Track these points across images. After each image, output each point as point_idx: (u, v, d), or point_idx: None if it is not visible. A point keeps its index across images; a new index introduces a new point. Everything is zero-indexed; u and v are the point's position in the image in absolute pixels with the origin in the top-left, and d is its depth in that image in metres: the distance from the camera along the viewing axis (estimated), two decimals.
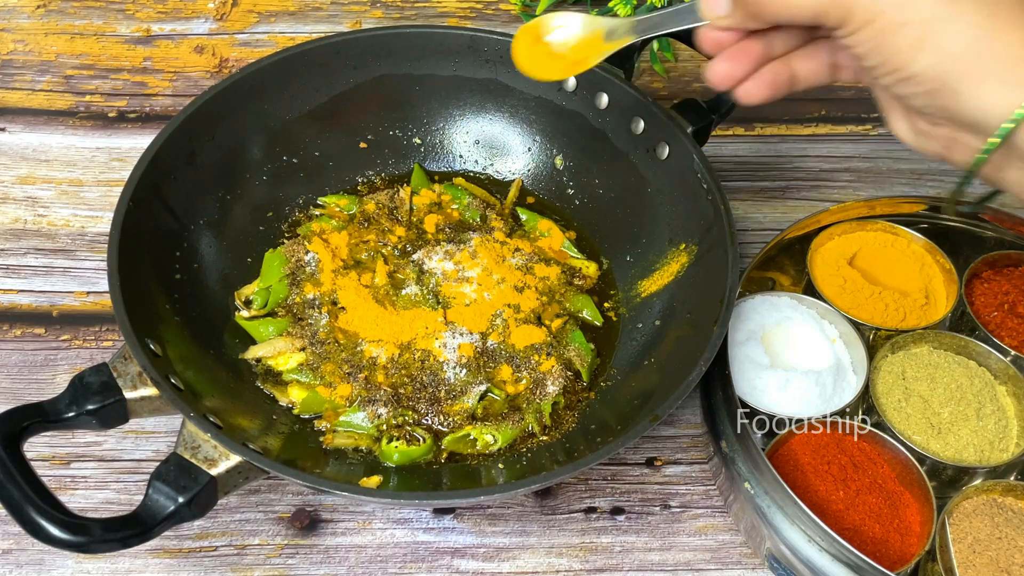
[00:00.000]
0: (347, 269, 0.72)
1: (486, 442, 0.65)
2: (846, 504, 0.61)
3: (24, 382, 0.72)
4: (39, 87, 0.90)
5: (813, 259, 0.72)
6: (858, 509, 0.61)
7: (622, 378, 0.68)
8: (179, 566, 0.63)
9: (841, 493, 0.62)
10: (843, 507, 0.61)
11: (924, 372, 0.66)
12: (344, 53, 0.76)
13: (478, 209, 0.77)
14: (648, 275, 0.73)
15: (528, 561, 0.64)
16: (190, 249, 0.70)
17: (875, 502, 0.61)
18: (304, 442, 0.64)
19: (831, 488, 0.62)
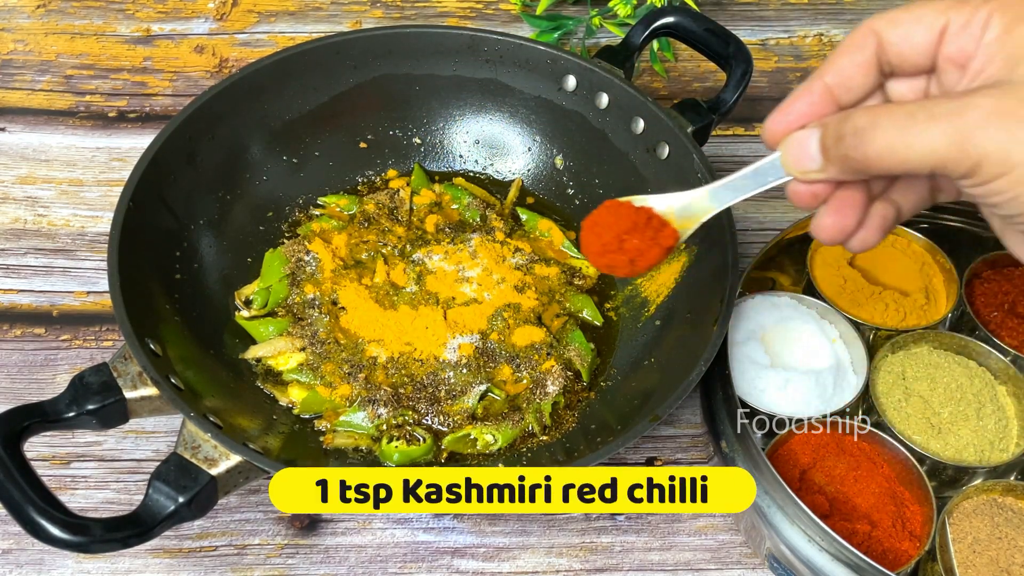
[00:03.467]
0: (347, 269, 0.72)
1: (486, 442, 0.65)
2: (846, 504, 0.61)
3: (24, 382, 0.72)
4: (39, 87, 0.90)
5: (813, 259, 0.72)
6: (858, 509, 0.61)
7: (622, 378, 0.68)
8: (179, 566, 0.63)
9: (841, 493, 0.62)
10: (843, 507, 0.61)
11: (924, 372, 0.66)
12: (344, 53, 0.76)
13: (478, 209, 0.77)
14: (648, 275, 0.72)
15: (528, 561, 0.64)
16: (190, 249, 0.70)
17: (875, 502, 0.61)
18: (304, 442, 0.64)
19: (831, 488, 0.62)
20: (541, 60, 0.76)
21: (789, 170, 0.47)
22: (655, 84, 0.93)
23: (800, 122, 0.46)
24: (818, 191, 0.47)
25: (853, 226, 0.47)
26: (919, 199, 0.49)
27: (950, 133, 0.40)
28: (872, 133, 0.42)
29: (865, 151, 0.42)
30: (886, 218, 0.48)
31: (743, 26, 0.97)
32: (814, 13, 0.98)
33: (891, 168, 0.42)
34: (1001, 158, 0.40)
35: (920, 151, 0.41)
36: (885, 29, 0.45)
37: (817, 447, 0.63)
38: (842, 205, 0.47)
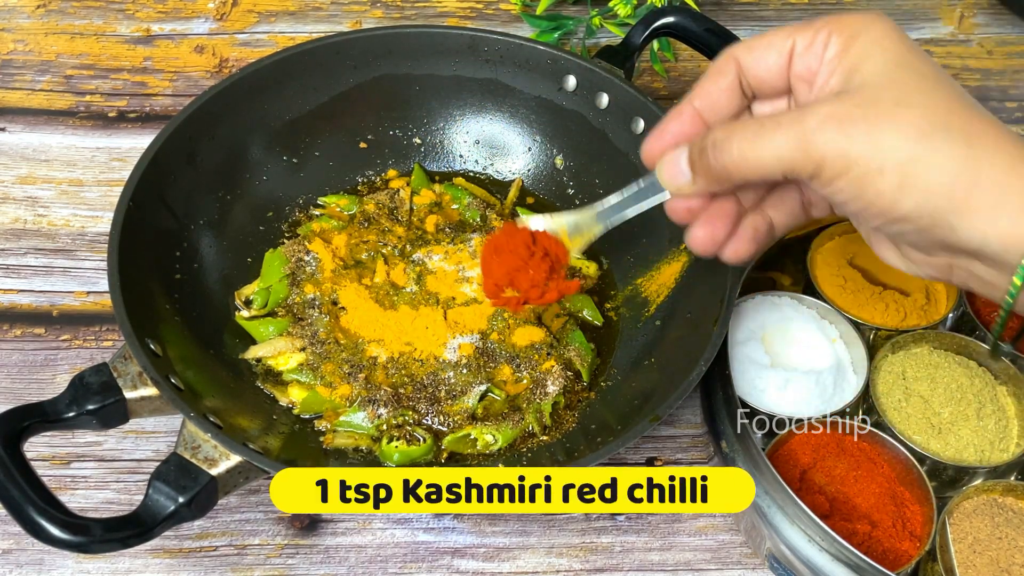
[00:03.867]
0: (347, 269, 0.72)
1: (486, 442, 0.65)
2: (846, 504, 0.61)
3: (24, 382, 0.72)
4: (39, 87, 0.90)
5: (813, 259, 0.72)
6: (858, 509, 0.61)
7: (622, 378, 0.68)
8: (179, 566, 0.63)
9: (841, 493, 0.62)
10: (843, 507, 0.61)
11: (924, 372, 0.66)
12: (344, 53, 0.76)
13: (478, 209, 0.77)
14: (648, 275, 0.73)
15: (528, 561, 0.64)
16: (190, 249, 0.70)
17: (875, 502, 0.61)
18: (304, 442, 0.64)
19: (831, 488, 0.62)
20: (541, 60, 0.76)
21: (666, 186, 0.51)
22: (655, 84, 0.93)
23: (674, 142, 0.51)
24: (692, 206, 0.51)
25: (723, 237, 0.51)
26: (791, 212, 0.53)
27: (793, 138, 0.44)
28: (728, 144, 0.46)
29: (723, 161, 0.46)
30: (758, 230, 0.52)
31: (743, 26, 0.97)
32: (814, 13, 0.98)
33: (747, 174, 0.46)
34: (838, 158, 0.43)
35: (769, 156, 0.45)
36: (743, 55, 0.49)
37: (817, 447, 0.63)
38: (712, 217, 0.51)
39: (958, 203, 0.43)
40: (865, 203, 0.45)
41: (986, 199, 0.42)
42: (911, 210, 0.44)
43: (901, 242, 0.48)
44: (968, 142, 0.43)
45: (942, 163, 0.42)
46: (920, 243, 0.46)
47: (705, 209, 0.51)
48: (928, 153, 0.42)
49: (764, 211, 0.52)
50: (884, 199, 0.44)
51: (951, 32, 0.98)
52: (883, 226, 0.46)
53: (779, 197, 0.52)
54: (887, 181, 0.43)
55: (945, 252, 0.46)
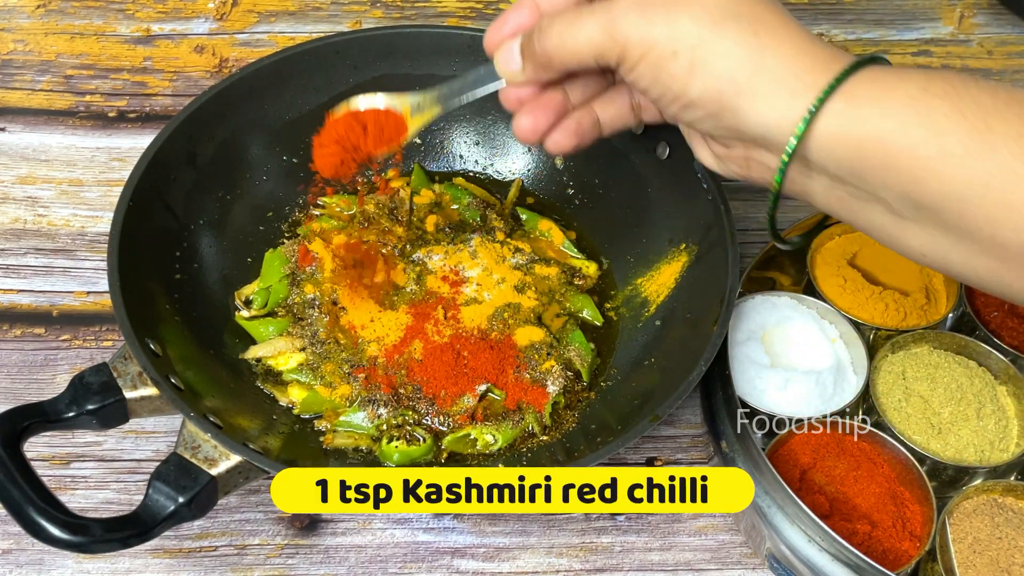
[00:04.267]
0: (347, 269, 0.72)
1: (486, 442, 0.65)
2: (846, 504, 0.61)
3: (24, 382, 0.72)
4: (39, 87, 0.90)
5: (813, 259, 0.72)
6: (858, 509, 0.61)
7: (622, 378, 0.68)
8: (179, 566, 0.63)
9: (841, 493, 0.62)
10: (843, 507, 0.61)
11: (924, 372, 0.66)
12: (344, 53, 0.76)
13: (478, 209, 0.77)
14: (648, 275, 0.73)
15: (528, 561, 0.64)
16: (190, 249, 0.70)
17: (875, 502, 0.61)
18: (304, 442, 0.64)
19: (831, 488, 0.62)
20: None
21: (500, 73, 0.54)
22: None
23: (511, 33, 0.54)
24: (523, 96, 0.54)
25: (545, 127, 0.54)
26: (620, 113, 0.56)
27: (601, 24, 0.48)
28: (549, 31, 0.50)
29: (544, 46, 0.50)
30: (581, 124, 0.55)
31: None
32: (814, 13, 0.98)
33: (566, 59, 0.50)
34: (639, 43, 0.47)
35: (581, 41, 0.48)
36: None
37: (817, 447, 0.63)
38: (537, 107, 0.54)
39: (741, 88, 0.45)
40: (662, 88, 0.48)
41: (766, 85, 0.45)
42: (699, 94, 0.47)
43: (702, 134, 0.51)
44: (755, 30, 0.46)
45: (729, 49, 0.45)
46: (716, 132, 0.49)
47: (534, 99, 0.54)
48: (717, 38, 0.45)
49: (591, 108, 0.55)
50: (677, 83, 0.47)
51: (951, 32, 0.98)
52: (679, 113, 0.49)
53: (609, 97, 0.55)
54: (679, 64, 0.46)
55: (740, 143, 0.49)
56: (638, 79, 0.48)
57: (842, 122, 0.44)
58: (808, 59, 0.46)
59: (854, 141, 0.44)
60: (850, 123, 0.44)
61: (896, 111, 0.43)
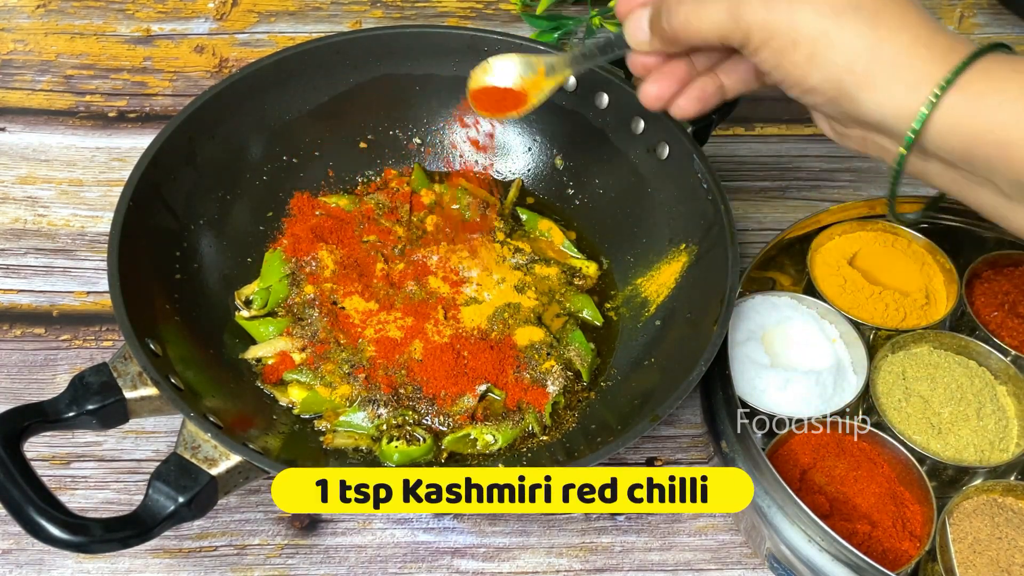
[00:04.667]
0: (347, 269, 0.72)
1: (486, 442, 0.65)
2: (846, 504, 0.61)
3: (24, 382, 0.72)
4: (39, 87, 0.90)
5: (813, 259, 0.72)
6: (858, 509, 0.61)
7: (622, 378, 0.68)
8: (179, 566, 0.63)
9: (841, 493, 0.62)
10: (843, 507, 0.61)
11: (924, 372, 0.66)
12: (344, 53, 0.76)
13: (478, 209, 0.77)
14: (648, 275, 0.73)
15: (528, 561, 0.64)
16: (190, 249, 0.70)
17: (875, 502, 0.61)
18: (304, 442, 0.64)
19: (831, 488, 0.62)
20: None
21: (628, 42, 0.56)
22: None
23: (643, 2, 0.55)
24: (648, 63, 0.56)
25: (670, 94, 0.57)
26: (743, 78, 0.57)
27: (726, 8, 0.49)
28: (677, 11, 0.52)
29: (672, 24, 0.52)
30: (705, 90, 0.57)
31: None
32: None
33: (691, 38, 0.52)
34: (762, 30, 0.48)
35: (706, 23, 0.50)
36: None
37: (817, 447, 0.63)
38: (664, 75, 0.56)
39: (859, 78, 0.47)
40: (783, 73, 0.49)
41: (883, 76, 0.47)
42: (819, 82, 0.48)
43: (823, 114, 0.53)
44: (875, 22, 0.47)
45: (848, 40, 0.47)
46: (835, 115, 0.51)
47: (659, 67, 0.56)
48: (836, 29, 0.47)
49: (716, 75, 0.57)
50: (797, 70, 0.49)
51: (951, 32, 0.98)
52: (800, 96, 0.51)
53: (732, 63, 0.57)
54: (800, 53, 0.48)
55: (857, 125, 0.51)
56: (760, 63, 0.50)
57: (957, 115, 0.46)
58: (926, 50, 0.46)
59: (968, 133, 0.46)
60: (965, 116, 0.46)
61: (1010, 104, 0.45)
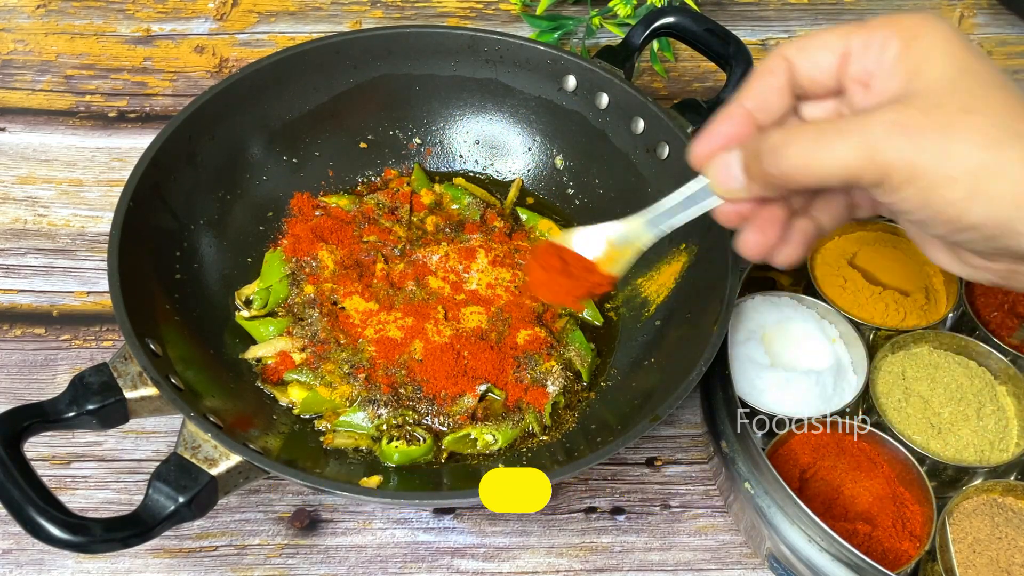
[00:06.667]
0: (347, 269, 0.72)
1: (486, 442, 0.65)
2: (846, 504, 0.61)
3: (24, 382, 0.72)
4: (39, 87, 0.90)
5: (813, 259, 0.72)
6: (858, 509, 0.61)
7: (622, 378, 0.68)
8: (179, 566, 0.63)
9: (841, 493, 0.62)
10: (843, 507, 0.61)
11: (924, 372, 0.66)
12: (344, 53, 0.76)
13: (478, 209, 0.77)
14: (648, 275, 0.73)
15: (528, 561, 0.64)
16: (190, 249, 0.70)
17: (875, 502, 0.61)
18: (304, 442, 0.64)
19: (831, 488, 0.62)
20: (541, 60, 0.76)
21: (717, 191, 0.49)
22: (655, 84, 0.93)
23: (724, 144, 0.48)
24: (743, 211, 0.49)
25: (774, 241, 0.50)
26: (838, 215, 0.51)
27: (859, 146, 0.42)
28: (787, 150, 0.44)
29: (781, 167, 0.45)
30: (807, 233, 0.50)
31: (743, 26, 0.97)
32: (814, 13, 0.98)
33: (807, 181, 0.44)
34: (907, 167, 0.42)
35: (832, 164, 0.43)
36: (795, 56, 0.48)
37: (817, 447, 0.63)
38: (764, 223, 0.49)
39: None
40: (933, 212, 0.43)
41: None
42: (980, 220, 0.43)
43: (962, 249, 0.47)
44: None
45: (1012, 171, 0.41)
46: (986, 251, 0.45)
47: (756, 214, 0.49)
48: (998, 161, 0.41)
49: (812, 214, 0.51)
50: (953, 209, 0.43)
51: None
52: (948, 235, 0.45)
53: (826, 200, 0.51)
54: (957, 191, 0.42)
55: (1008, 259, 0.45)
56: (900, 203, 0.44)
57: None
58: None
59: None
60: None
61: None
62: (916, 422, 0.64)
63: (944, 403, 0.65)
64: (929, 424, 0.64)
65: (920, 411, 0.65)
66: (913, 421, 0.64)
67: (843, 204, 0.51)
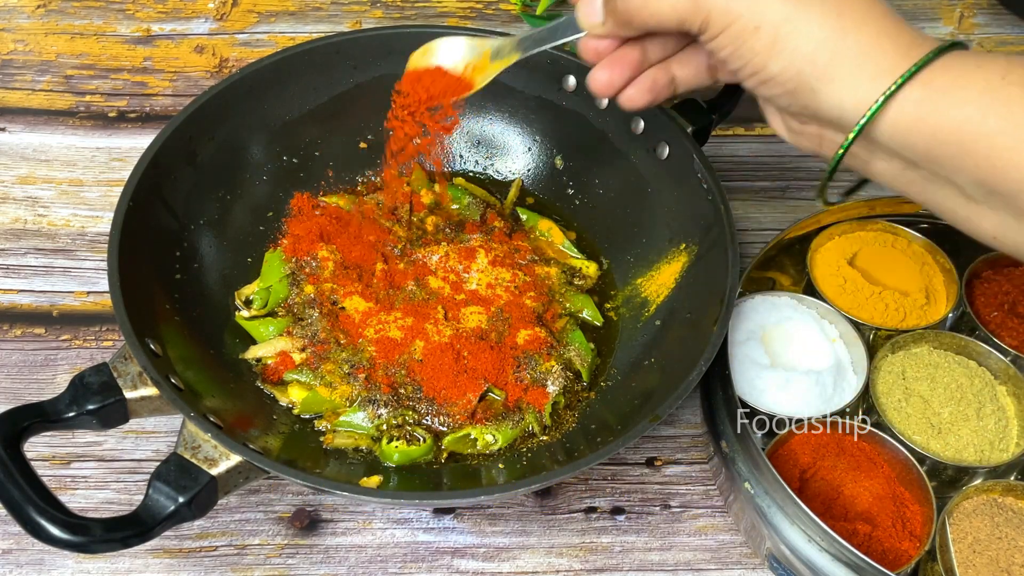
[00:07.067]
0: (347, 269, 0.72)
1: (486, 442, 0.65)
2: (846, 504, 0.61)
3: (24, 382, 0.72)
4: (39, 87, 0.90)
5: (813, 259, 0.72)
6: (858, 509, 0.61)
7: (622, 378, 0.68)
8: (179, 566, 0.63)
9: (841, 493, 0.62)
10: (843, 507, 0.61)
11: (924, 372, 0.66)
12: (344, 53, 0.76)
13: (478, 209, 0.77)
14: (648, 275, 0.73)
15: (528, 561, 0.64)
16: (190, 249, 0.70)
17: (875, 502, 0.61)
18: (304, 442, 0.64)
19: (831, 488, 0.62)
20: (541, 60, 0.76)
21: (581, 24, 0.54)
22: None
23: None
24: (601, 48, 0.55)
25: (621, 81, 0.55)
26: (696, 72, 0.56)
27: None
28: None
29: (628, 4, 0.51)
30: (656, 81, 0.55)
31: None
32: None
33: (647, 20, 0.51)
34: (723, 13, 0.47)
35: (665, 5, 0.49)
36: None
37: (817, 447, 0.63)
38: (616, 61, 0.55)
39: (820, 69, 0.46)
40: (741, 61, 0.48)
41: (845, 67, 0.46)
42: (779, 71, 0.47)
43: (779, 109, 0.52)
44: (839, 12, 0.46)
45: (811, 29, 0.46)
46: (792, 109, 0.50)
47: (611, 53, 0.55)
48: (801, 17, 0.46)
49: (668, 66, 0.56)
50: (757, 58, 0.48)
51: (951, 32, 0.98)
52: (756, 87, 0.50)
53: (686, 55, 0.56)
54: (761, 40, 0.47)
55: (815, 122, 0.50)
56: (718, 49, 0.49)
57: (919, 109, 0.45)
58: (890, 43, 0.46)
59: (929, 128, 0.45)
60: (927, 111, 0.45)
61: (974, 99, 0.44)
62: (916, 422, 0.64)
63: (944, 403, 0.65)
64: (929, 424, 0.64)
65: (920, 411, 0.65)
66: (913, 421, 0.64)
67: (702, 63, 0.56)
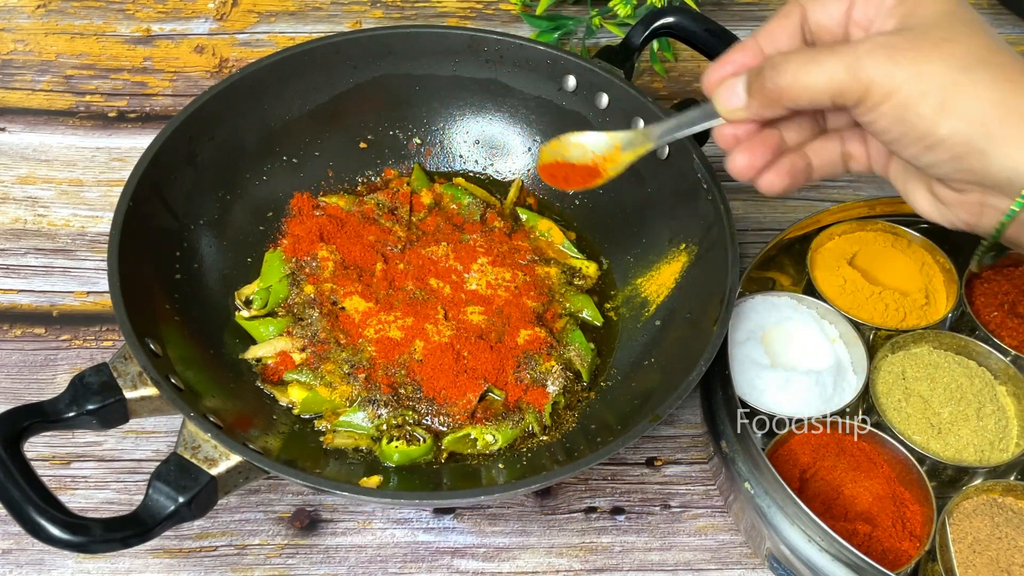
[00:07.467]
0: (347, 269, 0.72)
1: (486, 442, 0.65)
2: (846, 504, 0.61)
3: (24, 382, 0.72)
4: (39, 87, 0.90)
5: (813, 259, 0.72)
6: (858, 509, 0.61)
7: (622, 378, 0.68)
8: (179, 566, 0.63)
9: (841, 493, 0.62)
10: (843, 507, 0.61)
11: (924, 372, 0.66)
12: (344, 53, 0.76)
13: (478, 209, 0.77)
14: (648, 275, 0.73)
15: (528, 561, 0.64)
16: (190, 249, 0.70)
17: (875, 502, 0.61)
18: (304, 442, 0.64)
19: (831, 488, 0.62)
20: (541, 60, 0.76)
21: (720, 110, 0.53)
22: (655, 84, 0.93)
23: (734, 72, 0.53)
24: (740, 134, 0.54)
25: (761, 164, 0.54)
26: (831, 160, 0.55)
27: (845, 62, 0.47)
28: (784, 67, 0.49)
29: (778, 81, 0.49)
30: (795, 166, 0.54)
31: (743, 26, 0.97)
32: None
33: (799, 96, 0.49)
34: (885, 83, 0.46)
35: (820, 79, 0.48)
36: (808, 3, 0.53)
37: (817, 447, 0.63)
38: (756, 145, 0.53)
39: (992, 130, 0.45)
40: (905, 127, 0.47)
41: (1018, 129, 0.45)
42: (948, 134, 0.46)
43: (934, 177, 0.50)
44: (1005, 76, 0.46)
45: (980, 92, 0.45)
46: (953, 177, 0.48)
47: (750, 138, 0.54)
48: (968, 80, 0.45)
49: (805, 153, 0.55)
50: (924, 122, 0.46)
51: None
52: (919, 154, 0.48)
53: (821, 144, 0.55)
54: (928, 104, 0.46)
55: (977, 189, 0.48)
56: (878, 118, 0.48)
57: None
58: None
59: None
60: None
61: None
62: (916, 422, 0.64)
63: (944, 403, 0.65)
64: (929, 424, 0.64)
65: (920, 411, 0.65)
66: (913, 421, 0.64)
67: (837, 151, 0.55)
